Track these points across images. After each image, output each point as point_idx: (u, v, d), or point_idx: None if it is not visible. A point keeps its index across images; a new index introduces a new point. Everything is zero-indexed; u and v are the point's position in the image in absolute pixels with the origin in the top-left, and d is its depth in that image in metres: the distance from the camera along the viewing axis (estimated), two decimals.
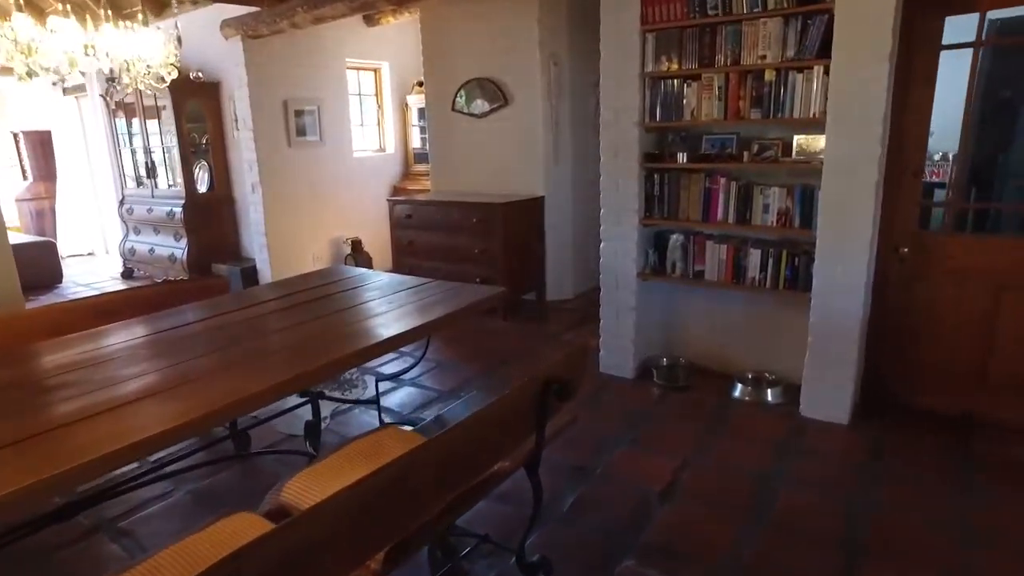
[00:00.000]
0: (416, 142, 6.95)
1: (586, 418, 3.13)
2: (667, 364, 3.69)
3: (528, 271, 5.01)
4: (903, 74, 2.80)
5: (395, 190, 6.84)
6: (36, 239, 7.11)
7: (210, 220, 6.24)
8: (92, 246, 8.49)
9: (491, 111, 5.07)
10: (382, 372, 3.82)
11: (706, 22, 3.05)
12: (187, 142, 6.02)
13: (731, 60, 3.03)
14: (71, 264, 7.78)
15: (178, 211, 6.13)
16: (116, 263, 7.35)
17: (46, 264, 6.72)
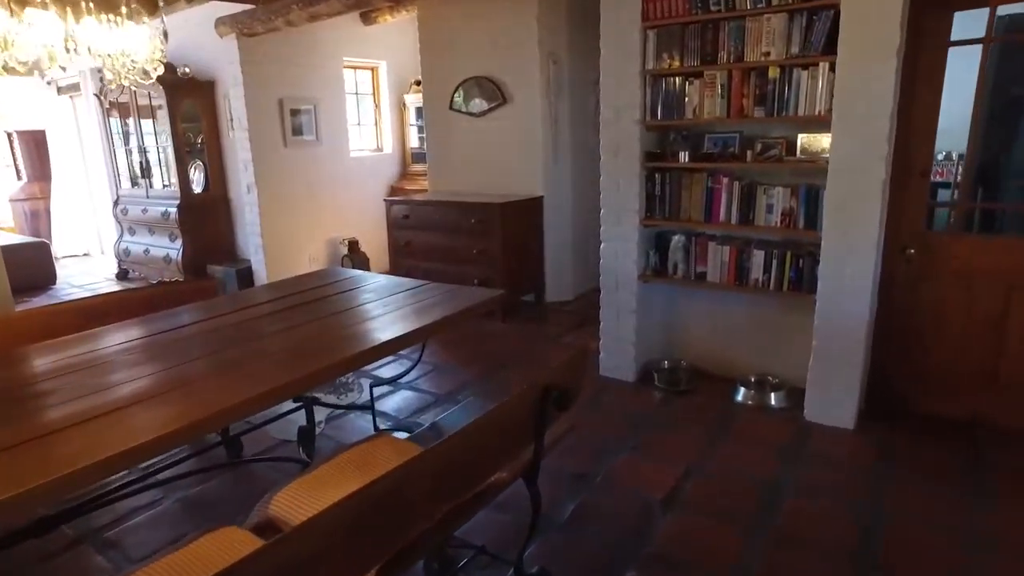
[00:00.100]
0: (414, 142, 6.88)
1: (586, 423, 3.07)
2: (668, 367, 3.63)
3: (527, 272, 4.95)
4: (910, 71, 2.74)
5: (392, 190, 6.78)
6: (29, 240, 7.04)
7: (205, 221, 6.17)
8: (87, 247, 8.42)
9: (489, 110, 5.01)
10: (378, 375, 3.75)
11: (708, 18, 2.99)
12: (182, 142, 5.94)
13: (734, 57, 2.97)
14: (66, 265, 7.72)
15: (173, 211, 6.06)
16: (111, 264, 7.28)
17: (39, 265, 6.65)
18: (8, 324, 2.53)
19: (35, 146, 8.14)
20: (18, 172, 8.29)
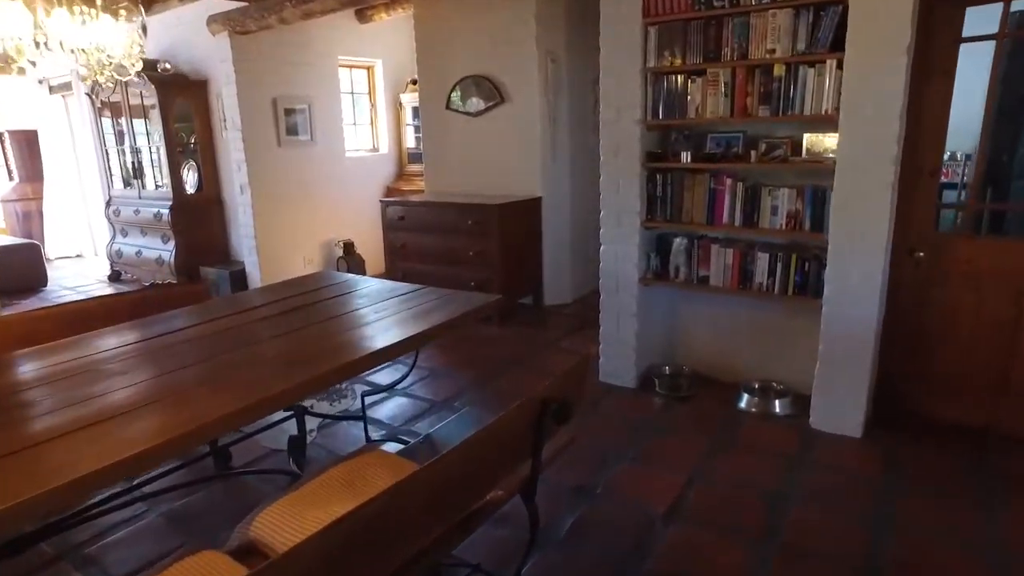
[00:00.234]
0: (410, 141, 6.80)
1: (586, 431, 2.98)
2: (670, 373, 3.54)
3: (525, 274, 4.86)
4: (920, 68, 2.66)
5: (389, 191, 6.69)
6: (19, 241, 6.94)
7: (198, 222, 6.07)
8: (80, 248, 8.32)
9: (487, 109, 4.92)
10: (372, 381, 3.67)
11: (712, 14, 2.90)
12: (174, 142, 5.85)
13: (738, 54, 2.88)
14: (59, 266, 7.62)
15: (165, 212, 5.96)
16: (104, 266, 7.19)
17: (30, 267, 6.55)
18: None
19: (27, 146, 8.04)
20: (10, 172, 8.19)
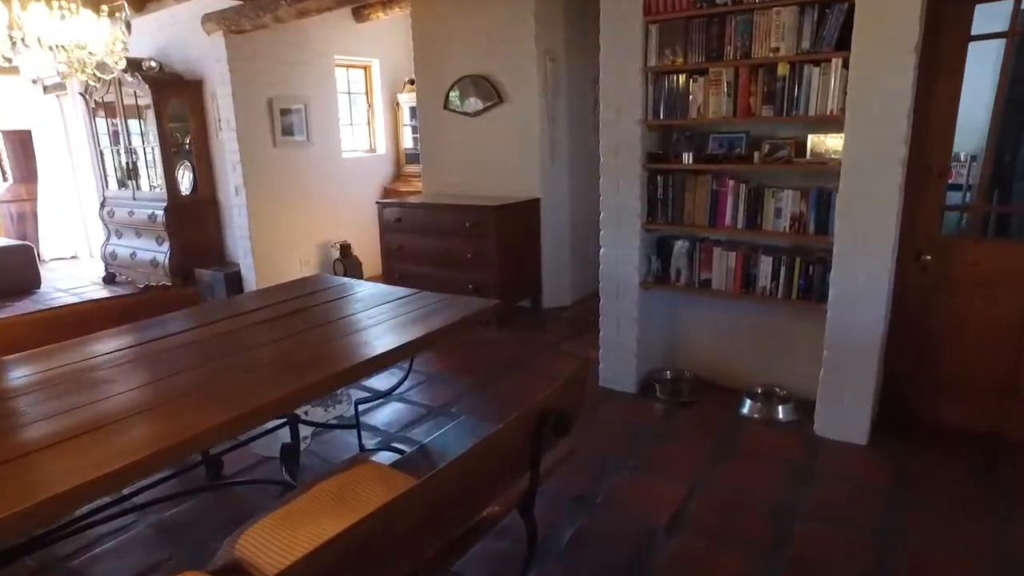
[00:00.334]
0: (408, 142, 6.73)
1: (585, 437, 2.91)
2: (671, 378, 3.48)
3: (523, 277, 4.79)
4: (927, 67, 2.59)
5: (386, 192, 6.62)
6: (12, 243, 6.87)
7: (193, 223, 6.00)
8: (75, 249, 8.25)
9: (485, 109, 4.85)
10: (367, 386, 3.60)
11: (714, 12, 2.84)
12: (169, 142, 5.78)
13: (741, 53, 2.82)
14: (53, 268, 7.55)
15: (160, 214, 5.89)
16: (99, 267, 7.12)
17: (23, 269, 6.47)
18: None
19: (21, 146, 7.97)
20: (4, 173, 8.12)
